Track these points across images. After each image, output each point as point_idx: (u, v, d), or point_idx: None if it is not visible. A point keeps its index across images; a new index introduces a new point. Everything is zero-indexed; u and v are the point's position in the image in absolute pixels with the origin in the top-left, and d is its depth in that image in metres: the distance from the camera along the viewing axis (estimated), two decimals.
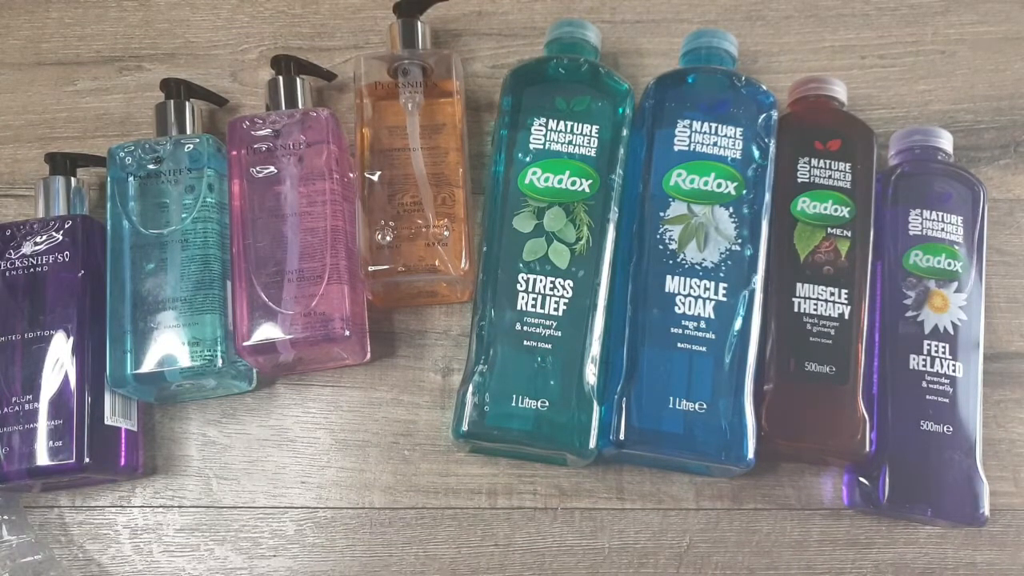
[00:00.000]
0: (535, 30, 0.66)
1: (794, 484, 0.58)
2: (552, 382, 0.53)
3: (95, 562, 0.57)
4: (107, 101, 0.66)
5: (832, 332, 0.54)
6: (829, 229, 0.56)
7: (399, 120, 0.58)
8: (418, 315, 0.61)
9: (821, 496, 0.58)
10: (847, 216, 0.56)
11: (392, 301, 0.60)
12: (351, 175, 0.58)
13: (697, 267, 0.54)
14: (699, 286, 0.53)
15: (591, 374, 0.53)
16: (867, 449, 0.53)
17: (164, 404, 0.59)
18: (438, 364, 0.60)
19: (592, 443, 0.52)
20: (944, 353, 0.55)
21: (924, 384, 0.55)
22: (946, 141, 0.60)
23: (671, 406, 0.52)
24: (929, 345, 0.55)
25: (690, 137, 0.56)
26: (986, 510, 0.54)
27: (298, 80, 0.60)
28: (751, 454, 0.52)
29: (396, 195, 0.56)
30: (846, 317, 0.55)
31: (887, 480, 0.53)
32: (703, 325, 0.53)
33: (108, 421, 0.55)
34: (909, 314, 0.56)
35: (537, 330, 0.53)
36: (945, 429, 0.54)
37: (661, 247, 0.54)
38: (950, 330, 0.55)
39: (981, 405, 0.55)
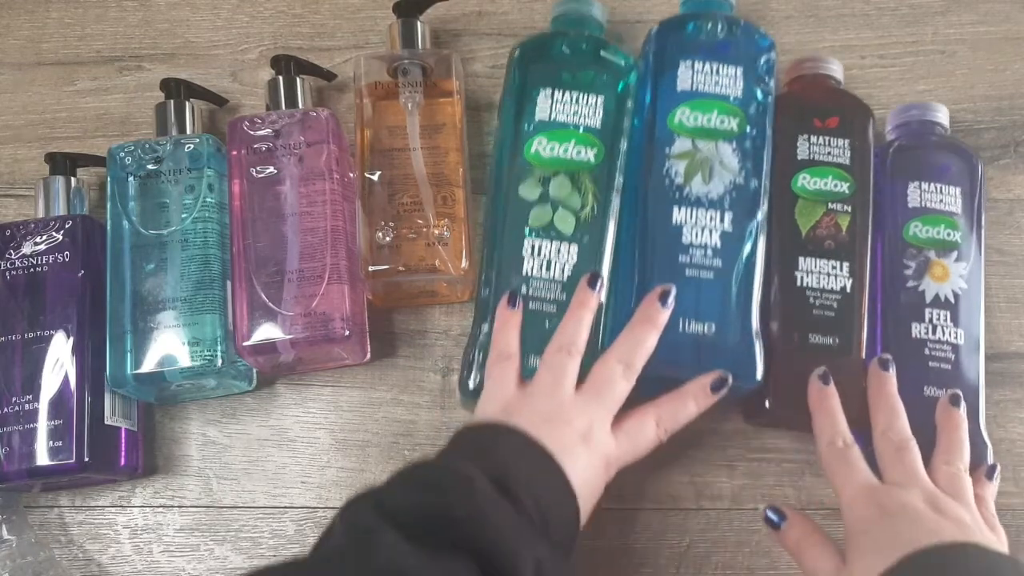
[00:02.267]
0: (535, 30, 0.66)
1: (794, 484, 0.58)
2: None
3: (95, 562, 0.57)
4: (107, 101, 0.66)
5: (835, 304, 0.55)
6: (829, 204, 0.57)
7: (399, 120, 0.58)
8: (418, 315, 0.61)
9: (821, 497, 0.58)
10: (847, 191, 0.57)
11: (392, 301, 0.60)
12: (351, 175, 0.58)
13: (702, 199, 0.55)
14: (705, 216, 0.55)
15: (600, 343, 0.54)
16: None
17: (164, 404, 0.59)
18: (438, 364, 0.60)
19: None
20: (945, 321, 0.56)
21: (927, 351, 0.56)
22: (943, 115, 0.60)
23: (681, 330, 0.53)
24: (930, 313, 0.56)
25: (692, 77, 0.57)
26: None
27: (298, 80, 0.60)
28: (759, 374, 0.53)
29: (396, 195, 0.56)
30: (848, 290, 0.56)
31: None
32: (709, 253, 0.54)
33: (108, 421, 0.55)
34: (910, 284, 0.57)
35: (543, 294, 0.54)
36: None
37: (667, 182, 0.55)
38: (951, 298, 0.56)
39: (983, 370, 0.56)
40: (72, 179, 0.59)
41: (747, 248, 0.54)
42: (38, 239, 0.56)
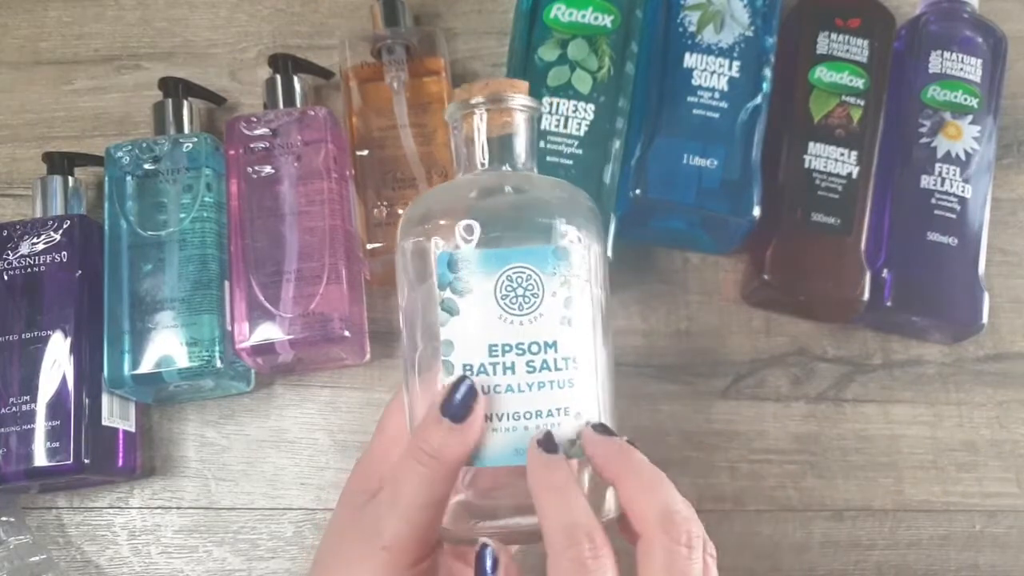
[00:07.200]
0: None
1: (796, 486, 0.58)
2: None
3: (93, 563, 0.57)
4: (105, 100, 0.65)
5: (840, 188, 0.58)
6: (843, 97, 0.59)
7: (386, 100, 0.59)
8: None
9: (823, 500, 0.58)
10: (861, 87, 0.59)
11: (391, 281, 0.60)
12: (350, 173, 0.58)
13: (713, 47, 0.58)
14: (715, 63, 0.58)
15: (609, 190, 0.56)
16: (864, 299, 0.56)
17: (162, 405, 0.59)
18: None
19: (608, 252, 0.55)
20: (955, 176, 0.58)
21: (933, 201, 0.58)
22: None
23: (685, 162, 0.56)
24: (940, 167, 0.58)
25: None
26: (985, 320, 0.57)
27: (296, 79, 0.60)
28: (756, 211, 0.56)
29: (389, 173, 0.57)
30: (854, 176, 0.58)
31: (892, 285, 0.57)
32: (717, 96, 0.57)
33: (106, 422, 0.55)
34: (923, 140, 0.59)
35: (560, 147, 0.56)
36: (951, 241, 0.58)
37: (681, 30, 0.58)
38: (962, 156, 0.59)
39: (987, 225, 0.58)
40: (70, 179, 0.59)
41: (752, 94, 0.57)
42: (35, 239, 0.56)
